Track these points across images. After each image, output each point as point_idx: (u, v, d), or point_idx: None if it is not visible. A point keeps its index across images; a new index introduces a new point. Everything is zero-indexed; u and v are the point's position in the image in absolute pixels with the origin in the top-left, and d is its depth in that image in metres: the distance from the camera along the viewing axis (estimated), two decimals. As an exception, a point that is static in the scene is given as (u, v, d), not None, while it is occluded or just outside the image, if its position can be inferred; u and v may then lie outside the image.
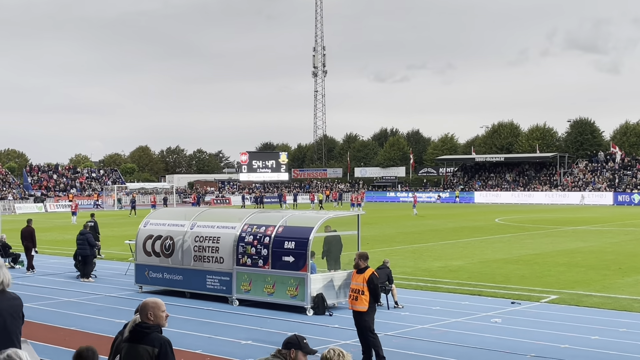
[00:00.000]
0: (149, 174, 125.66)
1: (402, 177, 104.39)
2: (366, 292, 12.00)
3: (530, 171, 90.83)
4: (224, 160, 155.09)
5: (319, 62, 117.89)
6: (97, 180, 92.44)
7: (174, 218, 19.92)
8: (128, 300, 18.34)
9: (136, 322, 6.05)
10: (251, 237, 17.40)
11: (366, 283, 12.02)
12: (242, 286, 17.34)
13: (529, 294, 18.68)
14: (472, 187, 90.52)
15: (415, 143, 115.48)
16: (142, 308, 6.12)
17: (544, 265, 24.30)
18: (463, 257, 26.89)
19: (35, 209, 70.98)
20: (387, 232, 39.20)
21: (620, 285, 20.10)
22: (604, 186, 79.99)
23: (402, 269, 22.87)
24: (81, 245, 22.22)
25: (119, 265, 25.20)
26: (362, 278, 12.07)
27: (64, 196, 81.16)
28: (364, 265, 12.30)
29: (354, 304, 12.10)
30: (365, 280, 12.04)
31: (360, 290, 12.03)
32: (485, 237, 36.05)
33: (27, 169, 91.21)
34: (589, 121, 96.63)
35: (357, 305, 12.04)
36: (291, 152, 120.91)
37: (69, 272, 23.63)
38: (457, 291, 19.29)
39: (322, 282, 16.58)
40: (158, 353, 5.90)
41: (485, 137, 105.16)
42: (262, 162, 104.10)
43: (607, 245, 31.00)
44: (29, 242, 24.25)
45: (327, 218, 18.00)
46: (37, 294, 19.61)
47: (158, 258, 19.18)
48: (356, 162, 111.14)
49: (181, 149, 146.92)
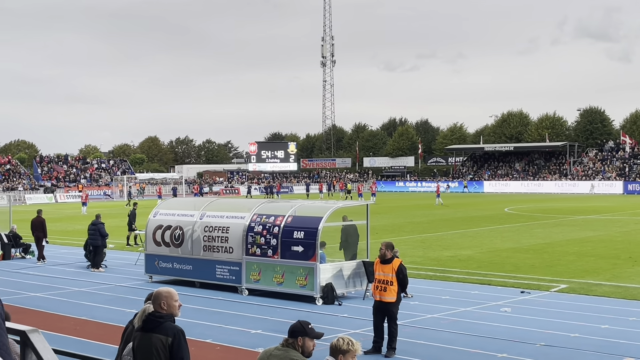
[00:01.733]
0: (158, 164, 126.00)
1: (411, 166, 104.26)
2: (395, 283, 11.90)
3: (540, 160, 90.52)
4: (232, 151, 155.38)
5: (328, 52, 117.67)
6: (106, 171, 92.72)
7: (184, 208, 19.97)
8: (138, 290, 18.41)
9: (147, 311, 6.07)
10: (260, 227, 17.43)
11: (395, 273, 11.93)
12: (251, 276, 17.39)
13: (539, 283, 18.65)
14: (482, 177, 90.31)
15: (424, 133, 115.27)
16: (155, 297, 6.12)
17: (553, 255, 24.25)
18: (472, 247, 26.86)
19: (45, 200, 71.30)
20: (396, 222, 39.19)
21: (630, 274, 20.04)
22: (613, 175, 79.68)
23: (411, 259, 22.86)
24: (92, 235, 22.31)
25: (129, 255, 25.30)
26: (391, 268, 11.91)
27: (73, 187, 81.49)
28: (391, 255, 12.21)
29: (383, 295, 11.93)
30: (394, 270, 11.91)
31: (389, 281, 11.89)
32: (495, 226, 35.99)
33: (37, 160, 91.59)
34: (599, 110, 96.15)
35: (386, 296, 11.89)
36: (300, 142, 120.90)
37: (79, 262, 23.74)
38: (467, 280, 19.28)
39: (331, 271, 16.60)
40: (172, 342, 5.90)
41: (495, 126, 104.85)
42: (271, 152, 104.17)
43: (617, 235, 30.90)
44: (39, 233, 24.37)
45: (336, 208, 17.99)
46: (47, 283, 19.73)
47: (168, 248, 19.24)
48: (365, 152, 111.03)
49: (190, 140, 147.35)
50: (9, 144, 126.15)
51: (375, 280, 12.16)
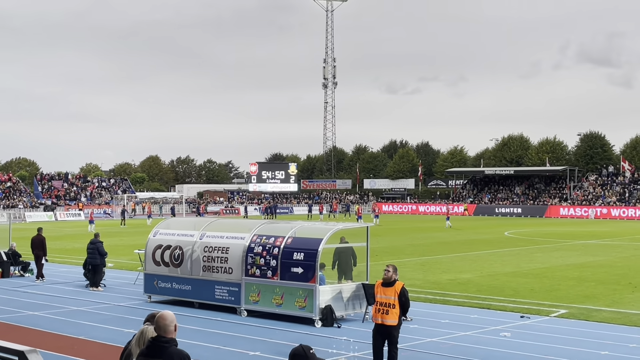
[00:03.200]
0: (159, 183, 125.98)
1: (411, 189, 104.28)
2: (397, 306, 11.77)
3: (540, 184, 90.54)
4: (233, 171, 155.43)
5: (329, 74, 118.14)
6: (107, 190, 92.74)
7: (184, 228, 19.97)
8: (137, 309, 18.36)
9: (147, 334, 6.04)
10: (260, 247, 17.42)
11: (398, 296, 11.82)
12: (250, 297, 17.35)
13: (539, 308, 18.61)
14: (482, 200, 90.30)
15: (424, 155, 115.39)
16: (159, 320, 6.09)
17: (553, 279, 24.21)
18: (472, 270, 26.81)
19: (45, 218, 71.27)
20: (396, 244, 39.13)
21: (630, 300, 19.99)
22: (613, 200, 79.69)
23: (411, 281, 22.80)
24: (91, 254, 22.29)
25: (128, 275, 25.25)
26: (393, 291, 11.74)
27: (74, 205, 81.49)
28: (395, 277, 12.13)
29: (385, 318, 11.73)
30: (397, 293, 11.73)
31: (391, 304, 11.71)
32: (495, 250, 35.95)
33: (38, 178, 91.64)
34: (599, 135, 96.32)
35: (388, 319, 11.70)
36: (300, 163, 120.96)
37: (78, 281, 23.70)
38: (466, 304, 19.23)
39: (330, 293, 16.57)
40: None
41: (495, 149, 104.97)
42: (272, 172, 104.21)
43: (616, 260, 30.86)
44: (39, 251, 24.35)
45: (337, 230, 17.99)
46: (46, 302, 19.68)
47: (167, 268, 19.21)
48: (365, 174, 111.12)
49: (191, 159, 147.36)
50: (10, 162, 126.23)
51: (377, 303, 11.96)
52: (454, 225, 56.35)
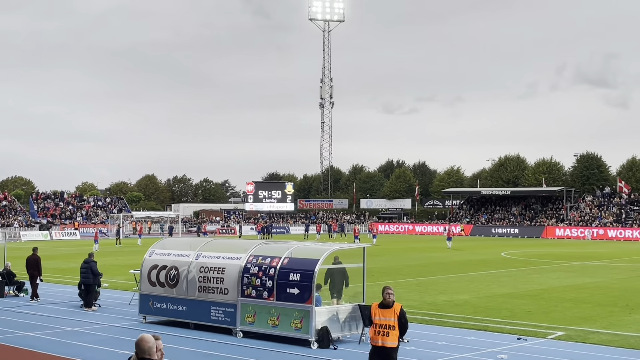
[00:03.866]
0: (155, 202, 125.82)
1: (408, 209, 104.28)
2: (396, 327, 11.71)
3: (537, 205, 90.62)
4: (230, 190, 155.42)
5: (326, 94, 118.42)
6: (102, 209, 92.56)
7: (179, 248, 19.89)
8: (131, 330, 18.25)
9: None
10: (256, 268, 17.35)
11: (397, 318, 11.75)
12: (246, 318, 17.26)
13: (535, 329, 18.53)
14: (479, 221, 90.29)
15: (421, 175, 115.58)
16: (142, 344, 6.03)
17: (550, 301, 24.13)
18: (469, 291, 26.73)
19: (40, 237, 71.03)
20: (392, 265, 39.04)
21: (627, 322, 19.92)
22: (610, 221, 79.72)
23: (407, 302, 22.68)
24: (85, 274, 22.17)
25: (123, 295, 25.12)
26: (393, 313, 11.65)
27: (69, 224, 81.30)
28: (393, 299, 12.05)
29: (385, 340, 11.61)
30: (396, 314, 11.67)
31: (391, 326, 11.60)
32: (491, 270, 35.87)
33: (34, 197, 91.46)
34: (596, 156, 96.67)
35: (388, 341, 11.57)
36: (297, 183, 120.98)
37: (73, 301, 23.56)
38: (463, 326, 19.15)
39: (327, 315, 16.49)
40: None
41: (492, 170, 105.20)
42: (268, 192, 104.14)
43: (613, 282, 30.80)
44: (34, 271, 24.24)
45: (333, 250, 17.95)
46: (40, 322, 19.56)
47: (162, 288, 19.12)
48: (362, 194, 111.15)
49: (187, 178, 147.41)
50: (5, 180, 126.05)
51: (376, 325, 11.82)
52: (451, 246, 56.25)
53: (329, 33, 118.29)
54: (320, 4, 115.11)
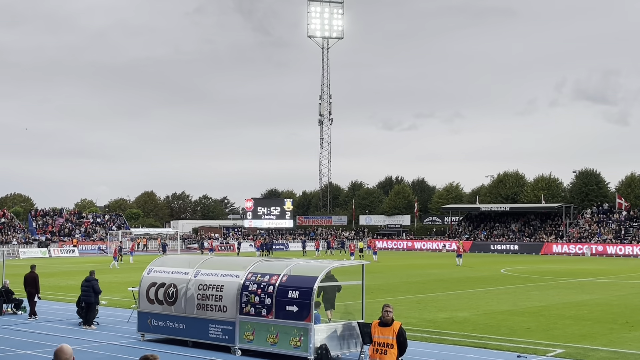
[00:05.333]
0: (154, 219, 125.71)
1: (407, 225, 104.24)
2: (395, 346, 11.67)
3: (536, 221, 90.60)
4: (229, 207, 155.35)
5: (325, 110, 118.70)
6: (101, 225, 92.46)
7: (178, 266, 19.84)
8: (130, 348, 18.17)
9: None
10: (255, 285, 17.31)
11: (396, 336, 11.71)
12: (245, 335, 17.20)
13: (535, 347, 18.46)
14: (478, 237, 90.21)
15: (420, 192, 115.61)
16: (60, 355, 5.91)
17: (550, 318, 24.06)
18: (468, 308, 26.66)
19: (39, 254, 70.84)
20: (392, 282, 38.95)
21: (627, 339, 19.86)
22: (609, 237, 79.67)
23: (406, 320, 22.64)
24: (86, 292, 22.10)
25: (121, 312, 25.03)
26: (391, 331, 11.67)
27: (68, 241, 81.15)
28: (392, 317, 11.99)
29: (383, 358, 11.64)
30: (395, 333, 11.66)
31: (389, 344, 11.61)
32: (491, 287, 35.79)
33: (32, 214, 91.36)
34: (594, 172, 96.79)
35: None
36: (296, 199, 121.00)
37: (71, 319, 23.47)
38: (462, 343, 19.08)
39: (326, 332, 16.44)
40: None
41: (491, 186, 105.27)
42: (267, 208, 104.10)
43: (613, 298, 30.72)
44: (32, 288, 24.17)
45: (332, 267, 17.91)
46: (38, 340, 19.47)
47: (161, 306, 19.06)
48: (361, 210, 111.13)
49: (186, 195, 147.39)
50: (4, 197, 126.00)
51: (375, 344, 11.83)
52: (448, 263, 56.13)
53: (328, 50, 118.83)
54: (319, 22, 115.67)
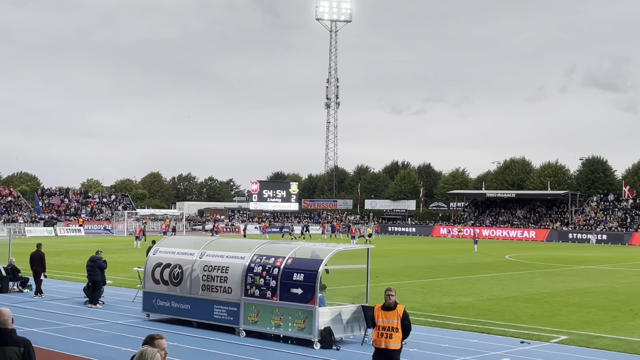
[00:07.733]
0: (160, 200, 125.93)
1: (413, 210, 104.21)
2: (400, 329, 11.67)
3: (542, 208, 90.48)
4: (234, 189, 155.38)
5: (332, 94, 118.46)
6: (107, 206, 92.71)
7: (184, 247, 19.90)
8: (135, 328, 18.26)
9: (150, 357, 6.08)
10: (260, 267, 17.35)
11: (400, 320, 11.73)
12: (249, 317, 17.25)
13: (539, 333, 18.48)
14: (483, 223, 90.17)
15: (426, 177, 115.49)
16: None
17: (554, 305, 24.08)
18: (472, 294, 26.68)
19: (45, 233, 71.16)
20: (396, 266, 39.00)
21: (631, 327, 19.86)
22: (615, 225, 79.56)
23: (410, 304, 22.67)
24: (91, 271, 22.19)
25: (127, 292, 25.15)
26: (396, 315, 11.65)
27: (74, 220, 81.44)
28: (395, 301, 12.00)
29: (389, 342, 11.60)
30: (399, 317, 11.65)
31: (394, 328, 11.59)
32: (495, 273, 35.81)
33: (39, 193, 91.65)
34: (601, 160, 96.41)
35: (392, 344, 11.57)
36: (302, 182, 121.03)
37: (76, 298, 23.60)
38: (466, 328, 19.11)
39: (330, 315, 16.48)
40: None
41: (497, 172, 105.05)
42: (273, 191, 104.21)
43: (618, 286, 30.71)
44: (38, 267, 24.28)
45: (337, 250, 17.92)
46: (43, 319, 19.58)
47: (166, 286, 19.13)
48: (366, 194, 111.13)
49: (192, 177, 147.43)
50: (11, 176, 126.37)
51: (379, 327, 11.78)
52: (456, 248, 56.17)
53: (336, 33, 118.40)
54: (327, 4, 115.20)
